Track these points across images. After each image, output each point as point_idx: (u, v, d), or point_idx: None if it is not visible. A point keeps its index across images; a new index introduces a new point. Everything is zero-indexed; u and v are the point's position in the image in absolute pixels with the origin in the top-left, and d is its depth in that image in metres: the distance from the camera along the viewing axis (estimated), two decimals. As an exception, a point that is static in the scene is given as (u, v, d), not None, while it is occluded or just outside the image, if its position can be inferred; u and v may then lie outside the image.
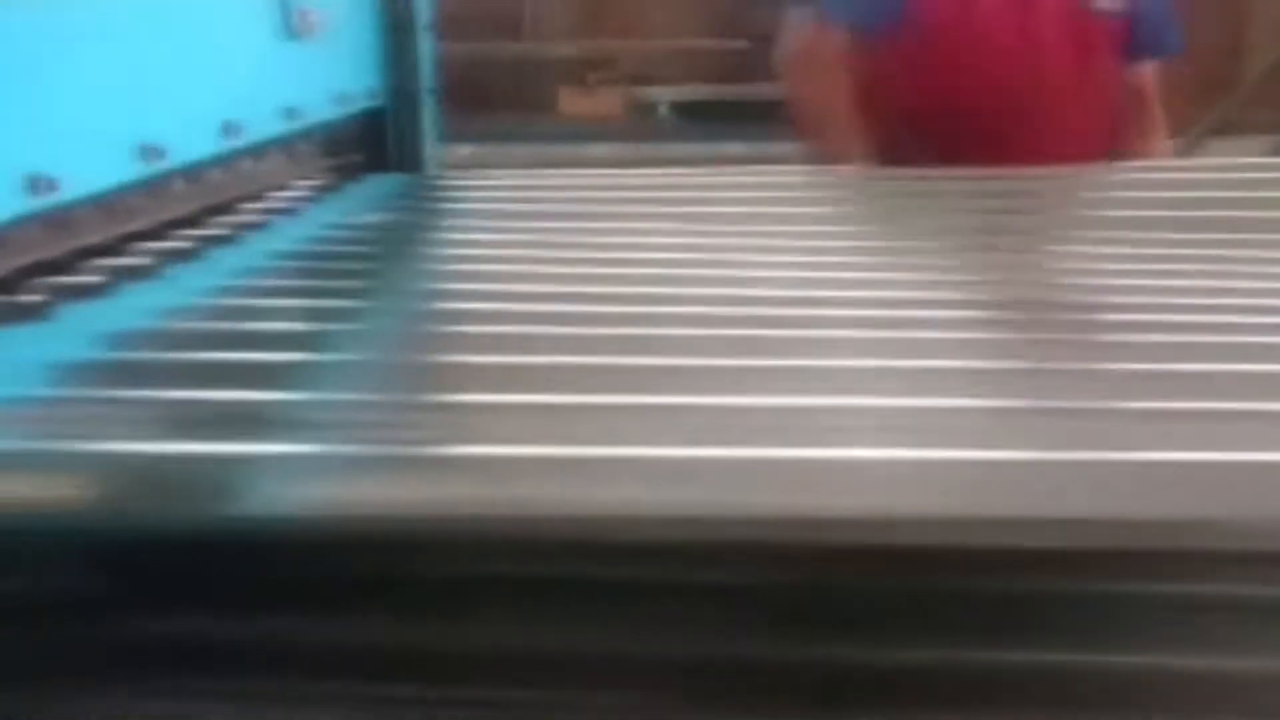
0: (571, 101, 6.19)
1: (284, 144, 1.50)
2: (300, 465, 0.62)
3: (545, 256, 1.18)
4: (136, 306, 1.00)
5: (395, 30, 1.69)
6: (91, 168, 1.03)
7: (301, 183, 1.57)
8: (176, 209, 1.27)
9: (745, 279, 1.07)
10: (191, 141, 1.20)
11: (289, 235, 1.32)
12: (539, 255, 1.19)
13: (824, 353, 0.84)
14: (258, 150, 1.41)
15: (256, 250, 1.25)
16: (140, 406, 0.70)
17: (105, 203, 1.14)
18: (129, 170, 1.10)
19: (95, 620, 0.70)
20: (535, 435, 0.65)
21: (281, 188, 1.52)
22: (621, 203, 1.48)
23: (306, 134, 1.56)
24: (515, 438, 0.64)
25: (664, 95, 5.66)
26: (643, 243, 1.24)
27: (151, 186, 1.21)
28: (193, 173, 1.29)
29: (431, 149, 1.77)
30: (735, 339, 0.87)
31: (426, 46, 1.73)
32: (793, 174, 1.76)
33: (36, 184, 0.95)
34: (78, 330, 0.91)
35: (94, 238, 1.13)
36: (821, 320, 0.92)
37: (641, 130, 5.45)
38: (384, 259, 1.25)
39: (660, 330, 0.90)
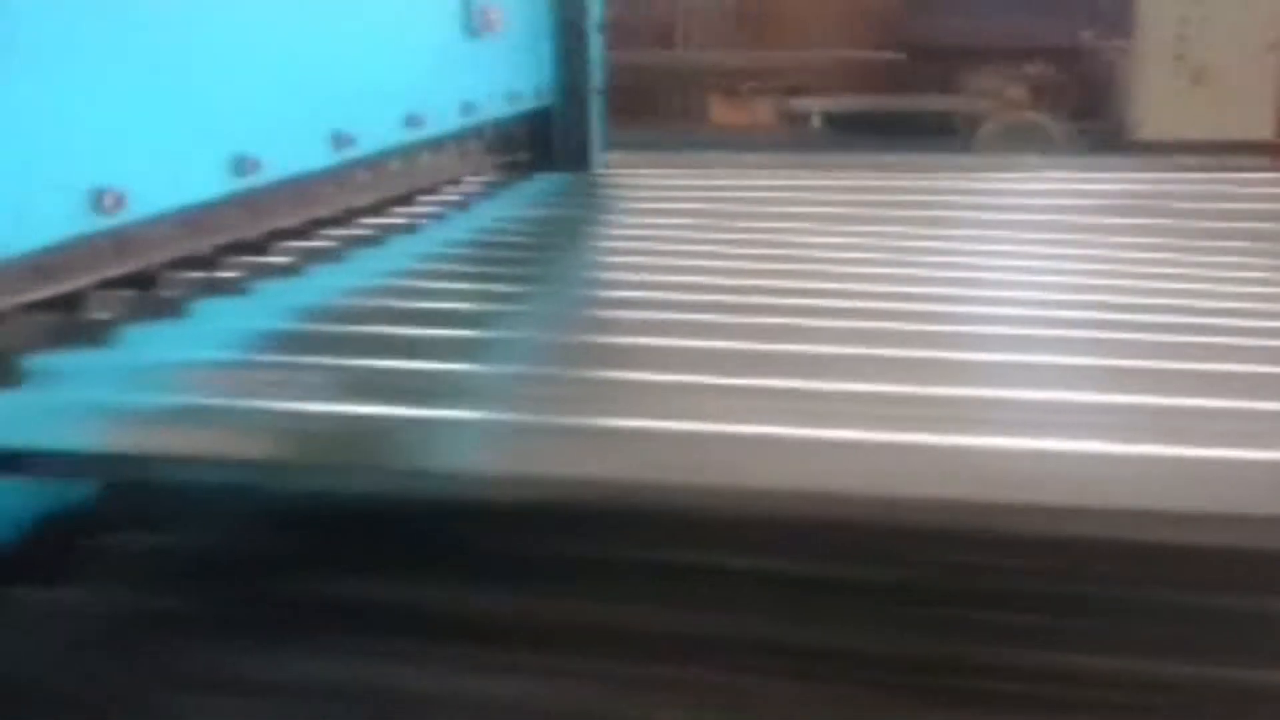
0: (723, 111, 6.19)
1: (460, 139, 1.54)
2: (468, 431, 0.65)
3: (705, 250, 1.20)
4: (324, 285, 1.04)
5: (567, 30, 1.72)
6: (290, 152, 1.08)
7: (473, 178, 1.61)
8: (360, 198, 1.32)
9: (904, 276, 1.07)
10: (378, 132, 1.24)
11: (461, 226, 1.36)
12: (699, 249, 1.21)
13: (986, 348, 0.83)
14: (435, 144, 1.46)
15: (432, 239, 1.29)
16: (324, 372, 0.73)
17: (299, 187, 1.19)
18: (323, 157, 1.15)
19: (275, 577, 0.74)
20: (686, 412, 0.65)
21: (455, 181, 1.56)
22: (777, 202, 1.48)
23: (480, 130, 1.60)
24: (669, 414, 0.66)
25: (817, 106, 5.62)
26: (798, 240, 1.24)
27: (339, 174, 1.26)
28: (376, 163, 1.33)
29: (597, 147, 1.79)
30: (893, 331, 0.87)
31: (596, 47, 1.75)
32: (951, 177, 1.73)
33: (242, 165, 1.00)
34: (273, 305, 0.95)
35: (287, 221, 1.19)
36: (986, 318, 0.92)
37: (793, 140, 5.42)
38: (550, 249, 1.28)
39: (817, 322, 0.90)
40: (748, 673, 0.65)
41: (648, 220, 1.41)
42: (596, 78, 1.77)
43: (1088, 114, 4.81)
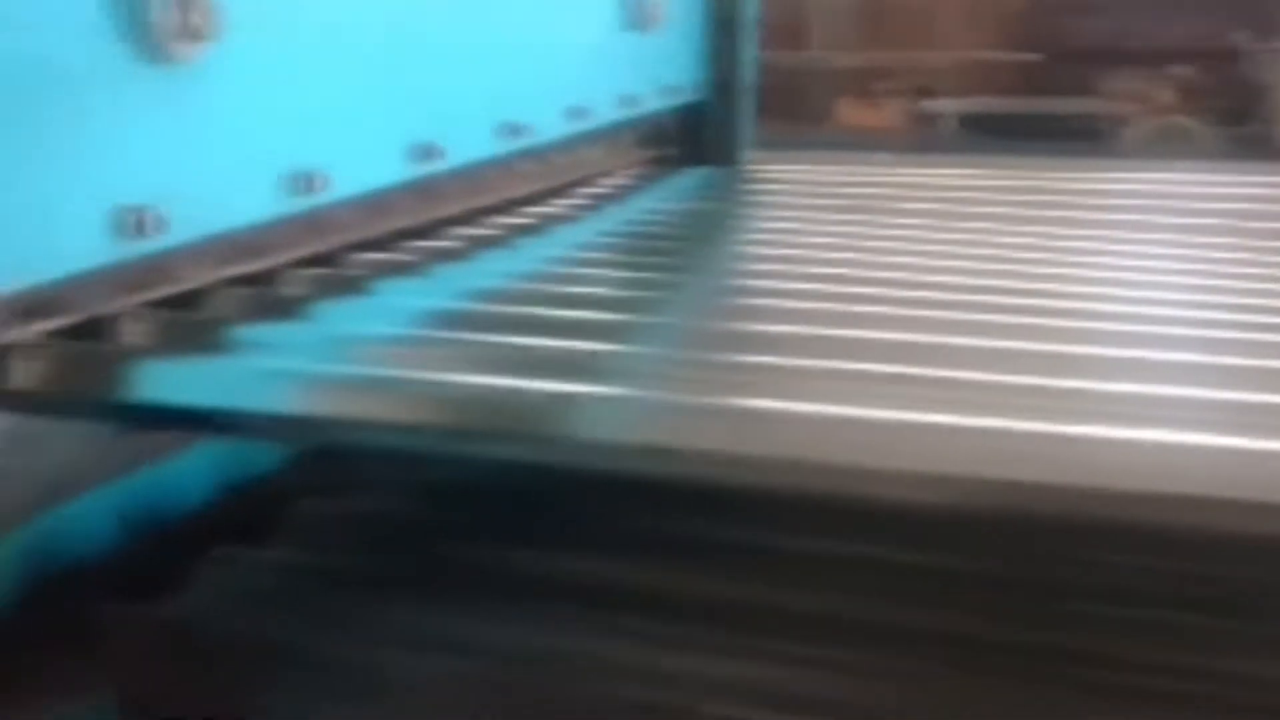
0: (851, 112, 6.13)
1: (615, 132, 1.56)
2: (618, 406, 0.67)
3: (849, 243, 1.20)
4: (491, 270, 1.07)
5: (721, 25, 1.73)
6: (467, 141, 1.11)
7: (626, 171, 1.63)
8: (523, 188, 1.35)
9: (1043, 275, 1.05)
10: (544, 123, 1.26)
11: (616, 217, 1.37)
12: (844, 242, 1.21)
13: (1114, 344, 0.82)
14: (593, 136, 1.48)
15: (589, 228, 1.31)
16: (490, 349, 0.76)
17: (467, 175, 1.22)
18: (494, 146, 1.17)
19: (447, 543, 0.77)
20: (824, 396, 0.66)
21: (609, 174, 1.58)
22: (921, 199, 1.47)
23: (634, 124, 1.61)
24: (807, 396, 0.66)
25: (950, 108, 5.53)
26: (941, 235, 1.23)
27: (505, 164, 1.29)
28: (539, 154, 1.36)
29: (746, 143, 1.80)
30: (1028, 326, 0.87)
31: (750, 43, 1.76)
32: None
33: (424, 152, 1.03)
34: (445, 286, 0.98)
35: (455, 208, 1.22)
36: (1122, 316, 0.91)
37: (924, 143, 5.35)
38: (701, 240, 1.29)
39: (954, 314, 0.90)
40: (907, 658, 0.65)
41: (795, 214, 1.41)
42: (748, 74, 1.78)
43: (1238, 119, 4.65)
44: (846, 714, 0.58)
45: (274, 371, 0.72)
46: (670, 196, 1.54)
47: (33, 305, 0.74)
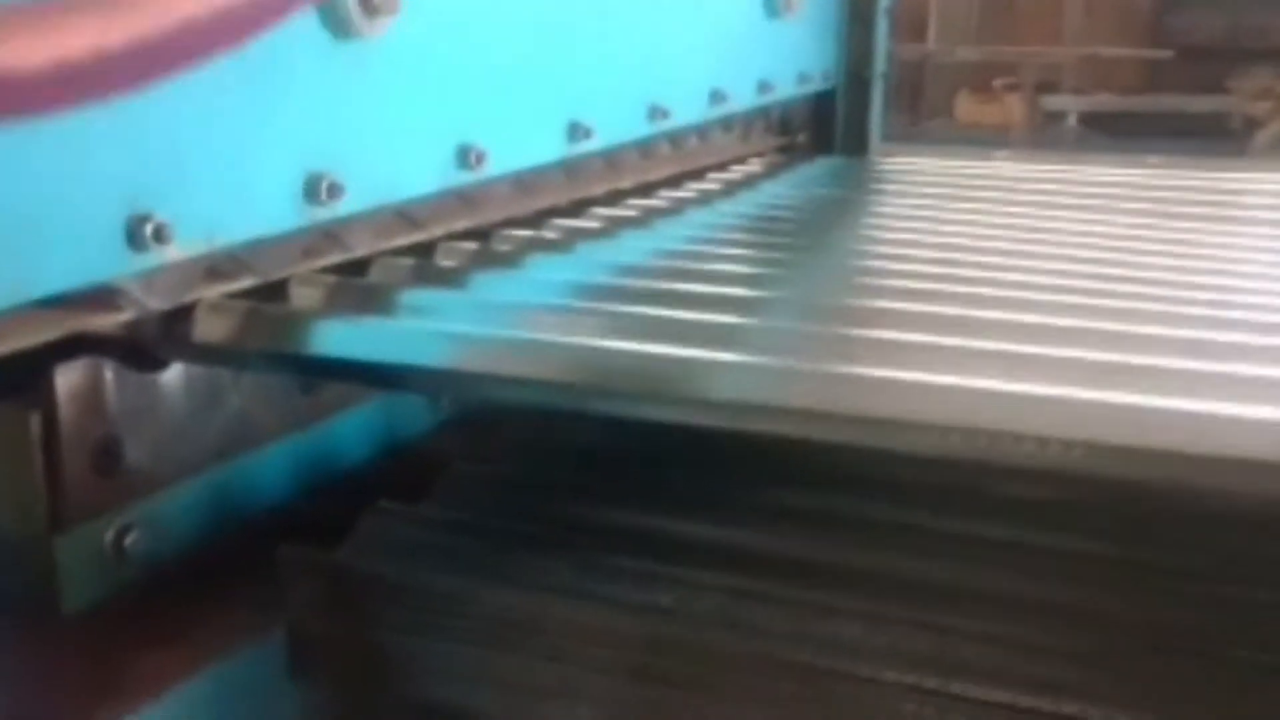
0: (969, 107, 6.05)
1: (749, 119, 1.58)
2: (746, 371, 0.69)
3: (973, 232, 1.20)
4: (630, 247, 1.09)
5: (855, 14, 1.73)
6: (615, 122, 1.14)
7: (758, 159, 1.64)
8: (660, 171, 1.37)
9: (1161, 265, 1.04)
10: (686, 106, 1.28)
11: (750, 201, 1.38)
12: (971, 230, 1.20)
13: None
14: (729, 122, 1.49)
15: (722, 211, 1.32)
16: (627, 318, 0.79)
17: (610, 158, 1.25)
18: (639, 129, 1.20)
19: (588, 505, 0.79)
20: (937, 367, 0.68)
21: (742, 161, 1.59)
22: (1051, 192, 1.45)
23: (767, 111, 1.63)
24: (920, 367, 0.68)
25: (1073, 104, 5.42)
26: (1066, 227, 1.23)
27: (646, 147, 1.32)
28: (677, 138, 1.38)
29: (877, 133, 1.79)
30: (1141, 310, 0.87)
31: (883, 31, 1.76)
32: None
33: (576, 132, 1.06)
34: (589, 261, 1.01)
35: (597, 190, 1.25)
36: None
37: (1045, 139, 5.25)
38: (826, 225, 1.30)
39: (1069, 299, 0.90)
40: (1057, 632, 0.65)
41: (922, 201, 1.41)
42: (881, 63, 1.78)
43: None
44: (1004, 681, 0.59)
45: (434, 332, 0.75)
46: (800, 183, 1.54)
47: (216, 267, 0.78)
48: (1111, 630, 0.64)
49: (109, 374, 0.72)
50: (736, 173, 1.55)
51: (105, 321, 0.71)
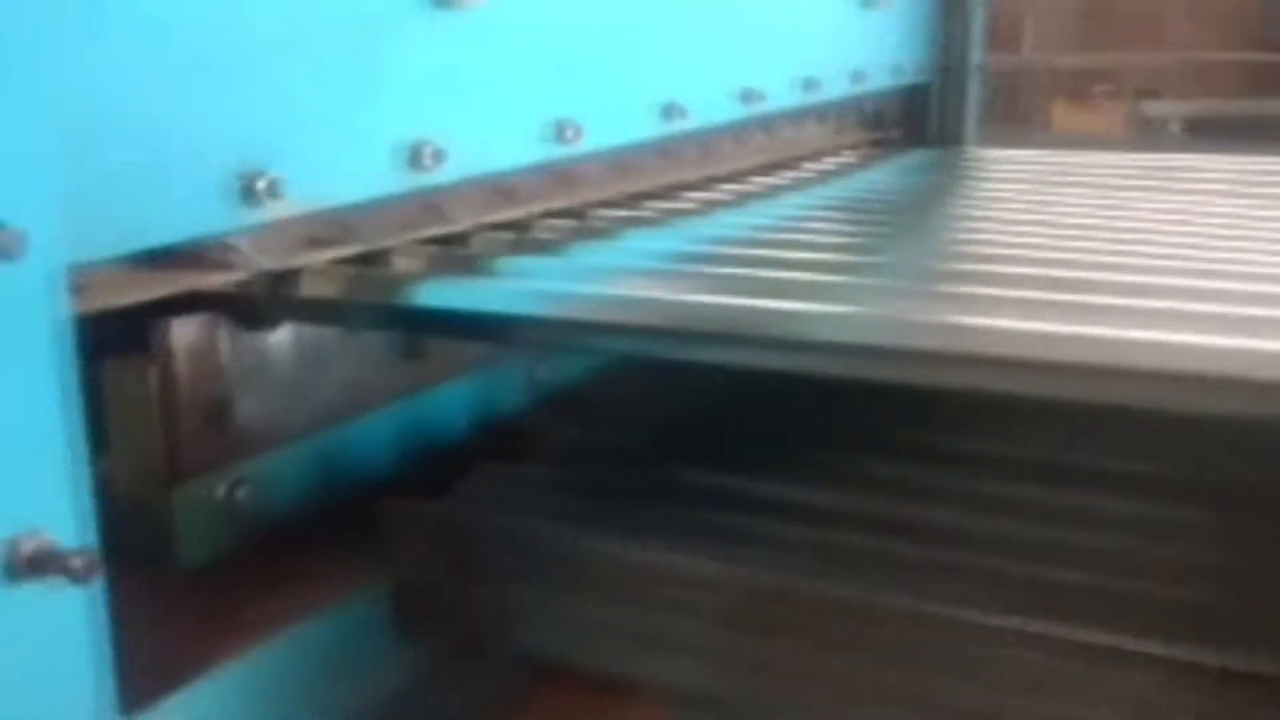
0: (1066, 115, 5.93)
1: (843, 108, 1.57)
2: (840, 320, 0.70)
3: (1064, 219, 1.17)
4: (724, 222, 1.10)
5: (949, 6, 1.72)
6: (708, 104, 1.14)
7: (850, 151, 1.64)
8: (753, 158, 1.38)
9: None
10: (780, 92, 1.29)
11: (839, 188, 1.37)
12: (1077, 212, 1.18)
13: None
14: (822, 111, 1.49)
15: (814, 195, 1.31)
16: (724, 279, 0.80)
17: (703, 143, 1.26)
18: (731, 111, 1.20)
19: (678, 466, 0.80)
20: (1039, 317, 0.68)
21: (834, 152, 1.59)
22: (1149, 188, 1.42)
23: (860, 102, 1.62)
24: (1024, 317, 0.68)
25: (1175, 111, 5.28)
26: (1146, 215, 1.20)
27: (739, 132, 1.32)
28: (770, 125, 1.38)
29: (971, 126, 1.77)
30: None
31: (979, 22, 1.74)
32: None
33: (670, 112, 1.07)
34: (685, 234, 1.01)
35: (690, 174, 1.25)
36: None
37: (1146, 147, 5.12)
38: (918, 208, 1.28)
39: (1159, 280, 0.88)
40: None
41: (1021, 189, 1.38)
42: (976, 55, 1.76)
43: None
44: (1111, 625, 0.58)
45: (535, 290, 0.77)
46: (895, 171, 1.53)
47: (319, 235, 0.80)
48: (1225, 580, 0.63)
49: (222, 331, 0.74)
50: (829, 163, 1.55)
51: (218, 280, 0.73)
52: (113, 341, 0.71)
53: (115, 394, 0.72)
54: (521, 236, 0.96)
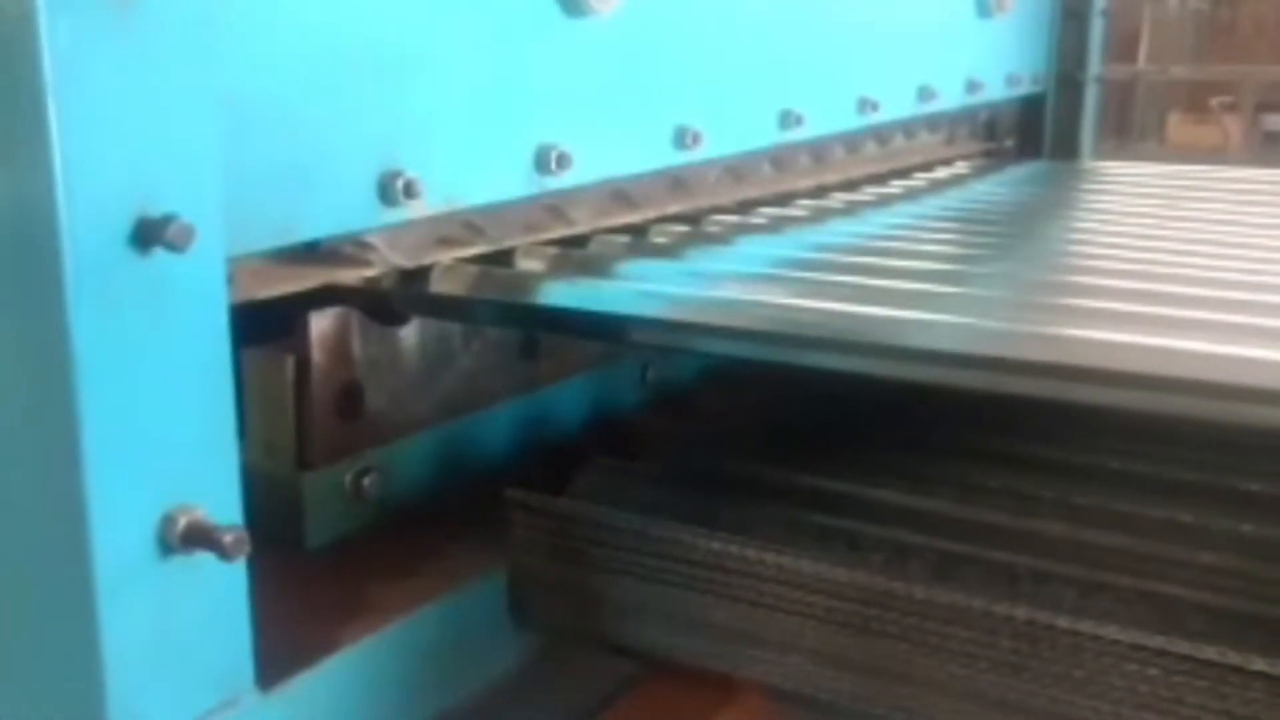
0: (1182, 129, 5.79)
1: (958, 118, 1.56)
2: (944, 328, 0.71)
3: (1174, 236, 1.15)
4: (836, 230, 1.11)
5: (1068, 13, 1.70)
6: (828, 113, 1.15)
7: (964, 161, 1.63)
8: (866, 167, 1.38)
9: None
10: (896, 101, 1.29)
11: (952, 198, 1.37)
12: (1185, 237, 1.16)
13: None
14: (936, 121, 1.49)
15: (927, 205, 1.31)
16: (829, 285, 0.82)
17: (817, 152, 1.26)
18: (846, 120, 1.21)
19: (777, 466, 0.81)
20: (1141, 330, 0.69)
21: (948, 162, 1.58)
22: (1258, 203, 1.38)
23: (974, 112, 1.61)
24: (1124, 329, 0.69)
25: (1298, 124, 5.12)
26: (1265, 232, 1.17)
27: (853, 141, 1.33)
28: (884, 134, 1.39)
29: (1089, 138, 1.75)
30: None
31: (1098, 32, 1.72)
32: None
33: (787, 119, 1.09)
34: (796, 241, 1.02)
35: (804, 183, 1.26)
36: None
37: (1266, 162, 4.98)
38: (1035, 220, 1.27)
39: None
40: None
41: (1140, 204, 1.36)
42: (1095, 66, 1.74)
43: None
44: (1232, 643, 0.57)
45: (649, 292, 0.79)
46: (1009, 183, 1.52)
47: (448, 235, 0.83)
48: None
49: (355, 325, 0.77)
50: (942, 173, 1.54)
51: (354, 275, 0.76)
52: (250, 331, 0.74)
53: (253, 381, 0.75)
54: (638, 241, 0.98)
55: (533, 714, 0.77)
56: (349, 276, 0.76)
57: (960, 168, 1.60)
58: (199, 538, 0.54)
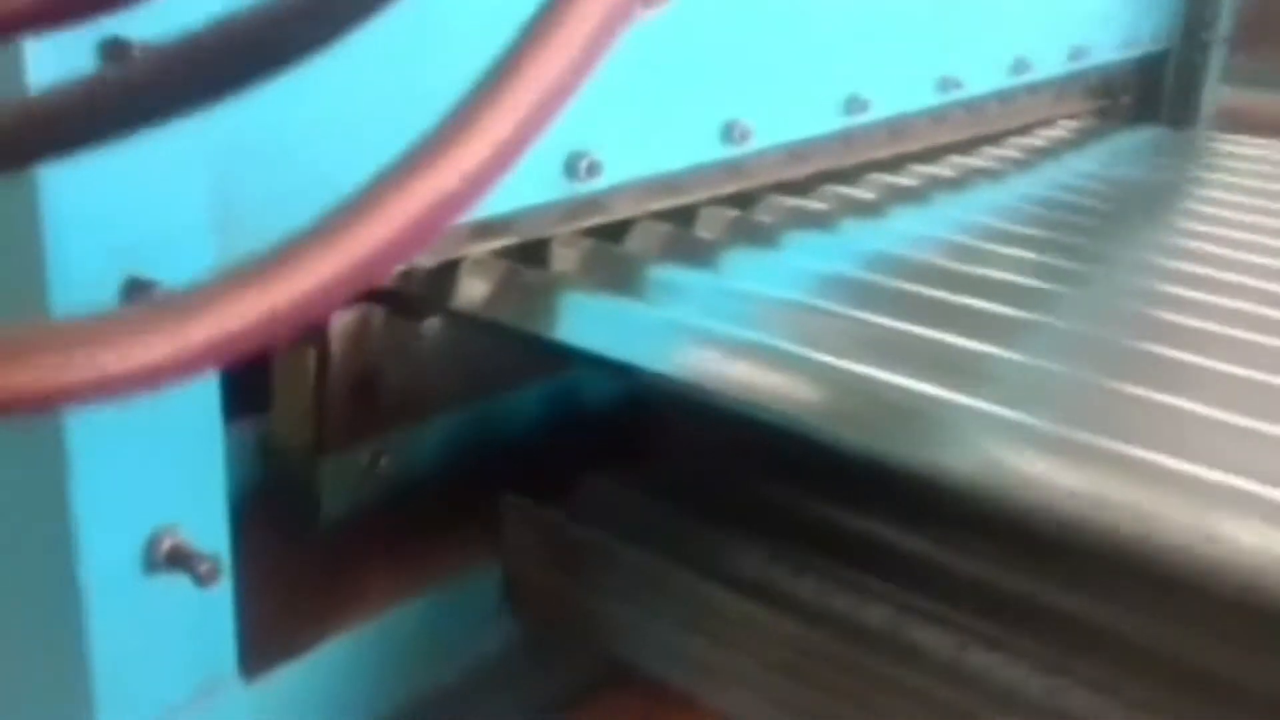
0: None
1: (1061, 82, 1.50)
2: (987, 424, 0.65)
3: None
4: (896, 231, 1.05)
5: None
6: (899, 95, 1.13)
7: (1068, 122, 1.56)
8: (953, 135, 1.33)
9: None
10: (982, 76, 1.25)
11: (1044, 178, 1.30)
12: None
13: None
14: (1035, 87, 1.43)
15: (1012, 190, 1.25)
16: (868, 329, 0.77)
17: (895, 124, 1.23)
18: (929, 100, 1.18)
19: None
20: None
21: (1049, 124, 1.52)
22: None
23: (1084, 73, 1.54)
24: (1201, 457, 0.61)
25: None
26: None
27: (937, 112, 1.28)
28: (974, 103, 1.34)
29: (1209, 103, 1.66)
30: None
31: (1230, -9, 1.61)
32: None
33: (852, 103, 1.07)
34: (847, 248, 0.97)
35: (880, 153, 1.23)
36: None
37: None
38: (1129, 223, 1.17)
39: None
40: None
41: (1242, 198, 1.27)
42: (1225, 25, 1.64)
43: None
44: None
45: (677, 327, 0.76)
46: (1111, 160, 1.43)
47: (483, 228, 0.84)
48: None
49: (377, 321, 0.81)
50: (1039, 138, 1.47)
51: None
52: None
53: (280, 368, 0.80)
54: (681, 233, 0.97)
55: (515, 699, 0.83)
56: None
57: (1062, 130, 1.53)
58: (179, 561, 0.59)
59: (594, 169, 0.83)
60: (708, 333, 0.75)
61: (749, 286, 0.86)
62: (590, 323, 0.78)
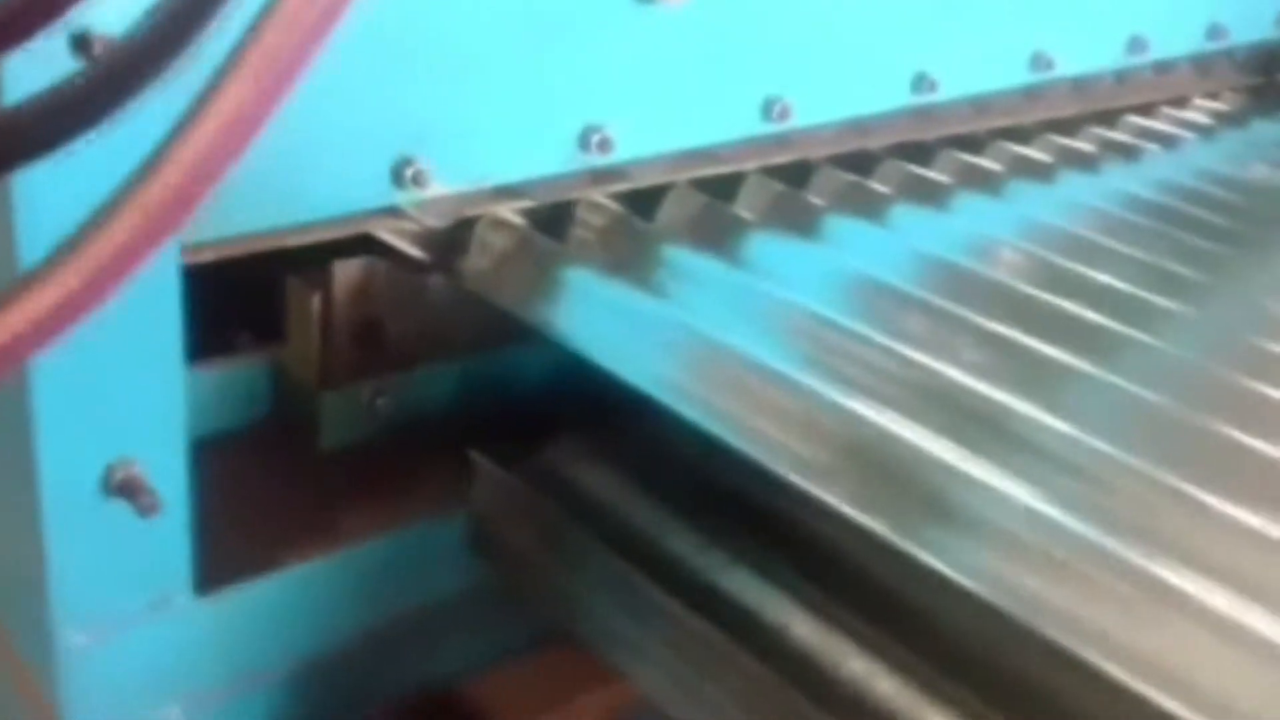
0: None
1: (1200, 58, 1.40)
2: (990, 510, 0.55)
3: None
4: (1008, 213, 0.98)
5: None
6: (971, 73, 1.09)
7: (1204, 102, 1.45)
8: (1057, 110, 1.25)
9: None
10: (1079, 55, 1.19)
11: (1180, 165, 1.19)
12: None
13: None
14: (1163, 65, 1.34)
15: (1142, 174, 1.15)
16: (902, 362, 0.68)
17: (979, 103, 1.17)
18: (1010, 78, 1.14)
19: None
20: None
21: (1180, 103, 1.42)
22: None
23: (1226, 54, 1.44)
24: None
25: None
26: None
27: (1031, 92, 1.22)
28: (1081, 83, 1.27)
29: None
30: None
31: None
32: None
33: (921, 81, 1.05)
34: (900, 244, 0.89)
35: (966, 128, 1.17)
36: None
37: None
38: (1255, 230, 1.03)
39: None
40: None
41: None
42: None
43: None
44: None
45: (687, 336, 0.72)
46: (1241, 152, 1.28)
47: (505, 189, 0.86)
48: None
49: (381, 272, 0.86)
50: (1163, 121, 1.35)
51: (389, 227, 0.82)
52: (301, 260, 0.82)
53: (290, 306, 0.86)
54: (715, 211, 0.91)
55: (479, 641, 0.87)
56: (384, 228, 0.81)
57: (1195, 114, 1.42)
58: (126, 492, 0.66)
59: (605, 145, 0.85)
60: (713, 341, 0.70)
61: (769, 289, 0.77)
62: (580, 314, 0.76)
